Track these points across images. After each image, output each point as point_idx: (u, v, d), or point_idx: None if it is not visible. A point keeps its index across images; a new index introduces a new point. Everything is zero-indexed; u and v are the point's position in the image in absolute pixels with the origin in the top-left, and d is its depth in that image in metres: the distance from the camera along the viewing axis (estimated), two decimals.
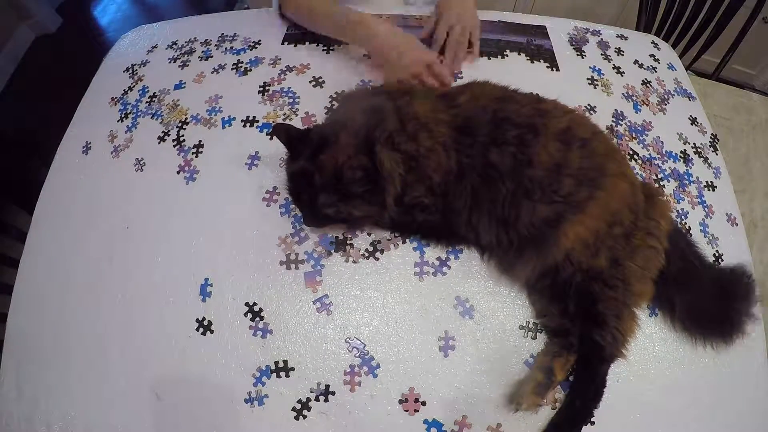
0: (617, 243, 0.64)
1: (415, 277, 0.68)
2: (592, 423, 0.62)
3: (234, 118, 0.82)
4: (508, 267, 0.67)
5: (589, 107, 0.87)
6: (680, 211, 0.79)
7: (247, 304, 0.67)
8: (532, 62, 0.93)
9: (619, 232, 0.64)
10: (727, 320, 0.68)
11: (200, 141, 0.80)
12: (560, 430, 0.60)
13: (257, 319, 0.66)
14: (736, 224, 0.81)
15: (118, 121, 0.86)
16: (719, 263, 0.76)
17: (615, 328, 0.62)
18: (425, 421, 0.62)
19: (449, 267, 0.69)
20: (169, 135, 0.81)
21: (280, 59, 0.90)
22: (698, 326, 0.68)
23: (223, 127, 0.81)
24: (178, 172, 0.77)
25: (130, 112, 0.86)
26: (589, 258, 0.63)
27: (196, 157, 0.78)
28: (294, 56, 0.91)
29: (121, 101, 0.88)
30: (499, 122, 0.66)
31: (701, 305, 0.68)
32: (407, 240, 0.70)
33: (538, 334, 0.66)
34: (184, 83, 0.88)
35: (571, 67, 0.93)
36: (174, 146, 0.80)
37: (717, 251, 0.77)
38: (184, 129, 0.82)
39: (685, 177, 0.83)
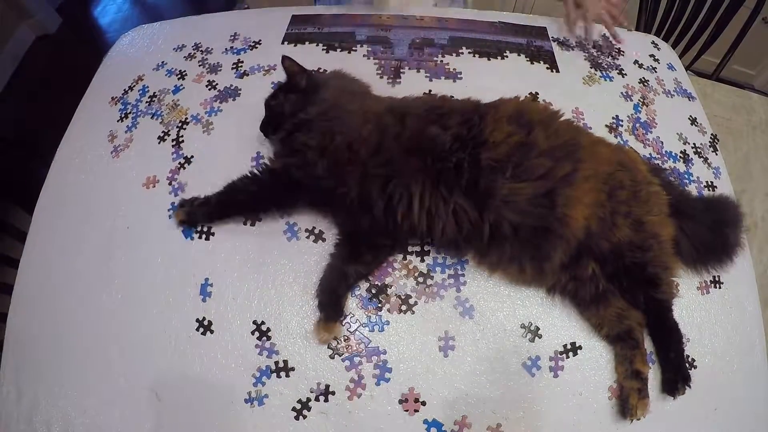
0: (631, 207, 0.65)
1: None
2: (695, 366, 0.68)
3: (234, 119, 0.82)
4: (539, 258, 0.64)
5: (589, 107, 0.86)
6: None
7: (247, 303, 0.67)
8: (532, 63, 0.93)
9: (626, 196, 0.65)
10: (722, 246, 0.71)
11: (200, 141, 0.80)
12: (676, 380, 0.64)
13: (258, 318, 0.66)
14: None
15: (118, 121, 0.86)
16: (715, 287, 0.74)
17: (668, 278, 0.66)
18: (425, 421, 0.62)
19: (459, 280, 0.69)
20: (169, 135, 0.81)
21: (275, 66, 0.89)
22: (699, 256, 0.71)
23: (223, 127, 0.81)
24: (177, 172, 0.77)
25: (130, 112, 0.86)
26: (612, 232, 0.63)
27: (197, 157, 0.78)
28: (294, 56, 0.91)
29: (121, 101, 0.88)
30: (439, 112, 0.68)
31: (700, 235, 0.70)
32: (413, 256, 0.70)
33: (537, 335, 0.66)
34: (184, 83, 0.88)
35: (571, 68, 0.93)
36: (174, 146, 0.80)
37: None
38: (184, 129, 0.82)
39: (685, 177, 0.83)
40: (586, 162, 0.65)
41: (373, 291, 0.67)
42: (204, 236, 0.71)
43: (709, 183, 0.84)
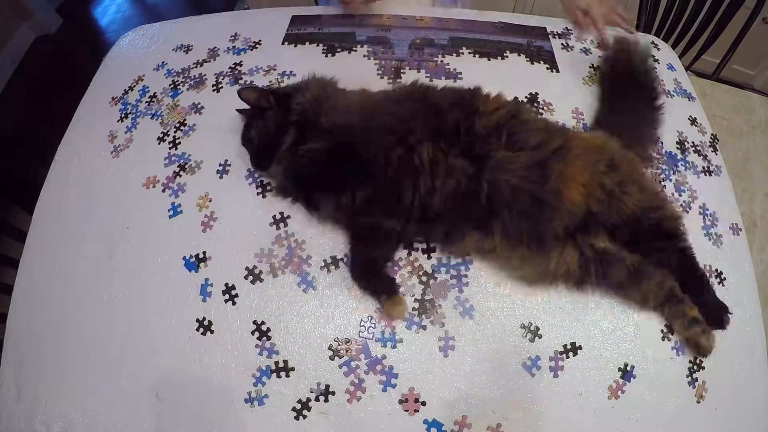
0: (631, 173, 0.68)
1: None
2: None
3: (234, 119, 0.82)
4: (538, 234, 0.65)
5: (589, 108, 0.86)
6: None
7: (247, 303, 0.67)
8: (532, 63, 0.92)
9: (624, 164, 0.68)
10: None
11: (200, 141, 0.80)
12: (720, 314, 0.67)
13: (258, 318, 0.66)
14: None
15: (118, 121, 0.86)
16: (720, 284, 0.75)
17: (681, 226, 0.69)
18: (425, 421, 0.62)
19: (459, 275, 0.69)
20: (168, 135, 0.81)
21: (275, 67, 0.89)
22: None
23: (223, 127, 0.81)
24: (177, 173, 0.77)
25: (130, 112, 0.86)
26: (622, 203, 0.65)
27: (197, 157, 0.78)
28: (294, 57, 0.91)
29: (122, 101, 0.88)
30: (431, 88, 0.73)
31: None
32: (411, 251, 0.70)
33: (537, 335, 0.66)
34: (184, 83, 0.88)
35: (571, 68, 0.93)
36: (174, 146, 0.80)
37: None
38: (183, 129, 0.81)
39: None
40: (575, 140, 0.68)
41: None
42: (204, 230, 0.71)
43: None
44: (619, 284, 0.67)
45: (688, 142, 0.86)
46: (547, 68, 0.92)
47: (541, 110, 0.84)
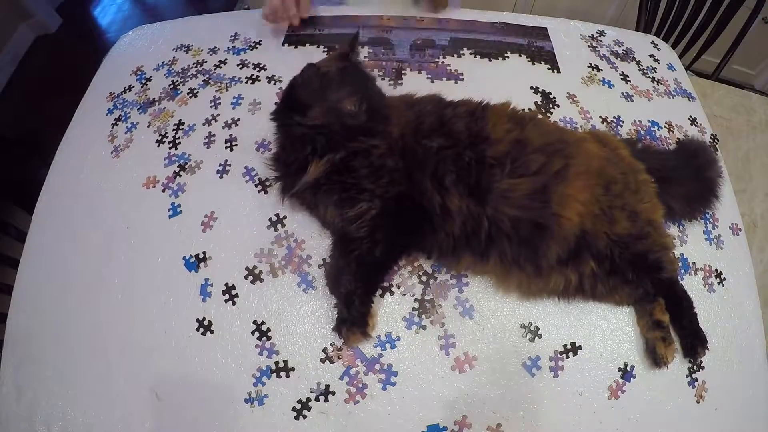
0: (625, 199, 0.66)
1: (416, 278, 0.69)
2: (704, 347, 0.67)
3: (235, 119, 0.82)
4: (533, 256, 0.64)
5: (589, 108, 0.86)
6: None
7: (247, 303, 0.67)
8: (533, 64, 0.92)
9: (620, 189, 0.66)
10: (708, 190, 0.77)
11: (200, 141, 0.80)
12: (695, 345, 0.66)
13: (258, 318, 0.66)
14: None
15: (118, 121, 0.86)
16: (720, 284, 0.75)
17: (668, 257, 0.68)
18: (425, 422, 0.62)
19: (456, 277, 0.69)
20: (168, 135, 0.81)
21: (280, 79, 0.87)
22: (694, 210, 0.76)
23: (223, 128, 0.81)
24: (177, 173, 0.77)
25: (130, 112, 0.86)
26: (610, 227, 0.64)
27: (197, 157, 0.78)
28: (294, 58, 0.91)
29: (122, 101, 0.88)
30: (446, 105, 0.70)
31: (688, 192, 0.75)
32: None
33: (537, 335, 0.66)
34: (184, 83, 0.88)
35: (572, 68, 0.93)
36: (174, 146, 0.80)
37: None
38: (183, 129, 0.81)
39: None
40: (576, 158, 0.66)
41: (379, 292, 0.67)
42: (204, 230, 0.71)
43: None
44: (593, 294, 0.67)
45: None
46: (548, 68, 0.92)
47: (541, 110, 0.84)
